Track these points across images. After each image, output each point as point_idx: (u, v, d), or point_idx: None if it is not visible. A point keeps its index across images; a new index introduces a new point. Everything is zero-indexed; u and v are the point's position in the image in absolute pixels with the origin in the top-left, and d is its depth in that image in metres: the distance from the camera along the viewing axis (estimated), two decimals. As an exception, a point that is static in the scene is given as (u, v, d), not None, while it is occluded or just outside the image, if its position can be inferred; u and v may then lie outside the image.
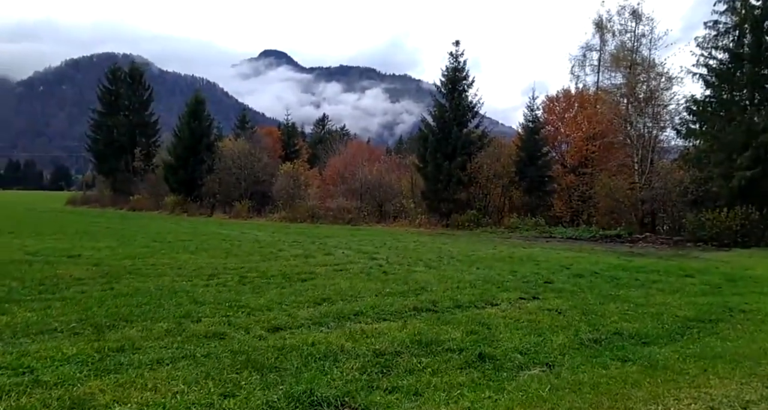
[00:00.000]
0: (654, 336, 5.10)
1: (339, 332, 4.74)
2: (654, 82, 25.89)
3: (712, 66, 21.30)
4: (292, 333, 4.65)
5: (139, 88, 41.05)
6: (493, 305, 6.56)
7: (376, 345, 4.28)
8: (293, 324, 4.95)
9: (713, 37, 21.34)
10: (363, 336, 4.58)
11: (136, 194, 36.21)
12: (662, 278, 9.73)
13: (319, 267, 9.55)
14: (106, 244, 12.07)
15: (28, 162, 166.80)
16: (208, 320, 5.02)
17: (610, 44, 29.72)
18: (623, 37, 28.50)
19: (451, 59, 28.03)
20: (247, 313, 5.35)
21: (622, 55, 28.13)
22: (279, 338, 4.47)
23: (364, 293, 6.77)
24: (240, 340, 4.37)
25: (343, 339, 4.43)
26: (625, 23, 28.46)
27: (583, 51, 30.56)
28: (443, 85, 28.20)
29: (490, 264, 11.32)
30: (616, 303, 6.83)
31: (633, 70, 27.13)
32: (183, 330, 4.62)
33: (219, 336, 4.48)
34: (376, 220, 29.40)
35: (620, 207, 23.64)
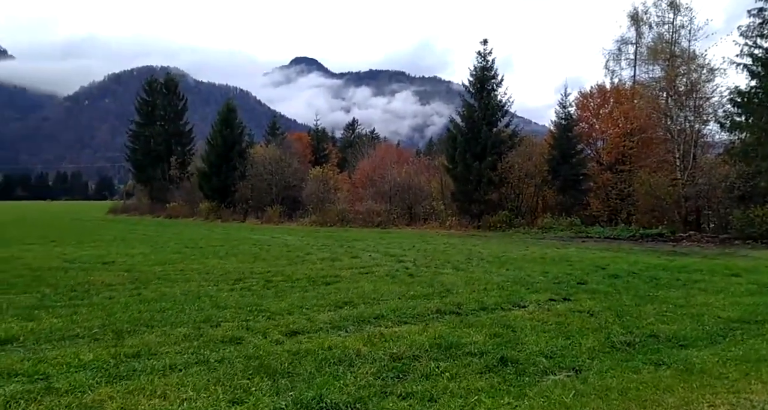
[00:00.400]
0: (693, 339, 4.75)
1: (357, 336, 4.64)
2: (695, 74, 24.70)
3: (758, 55, 20.16)
4: (309, 338, 4.58)
5: (174, 98, 42.38)
6: (520, 307, 6.31)
7: (394, 349, 4.14)
8: (311, 328, 4.88)
9: (758, 26, 20.23)
10: (381, 339, 4.45)
11: (172, 202, 37.29)
12: (705, 277, 9.18)
13: (344, 270, 9.47)
14: (139, 250, 12.40)
15: (75, 173, 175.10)
16: (228, 324, 5.01)
17: (646, 37, 28.67)
18: (661, 29, 27.45)
19: (479, 58, 27.61)
20: (267, 317, 5.32)
21: (660, 48, 27.05)
22: (295, 342, 4.40)
23: (387, 296, 6.63)
24: (256, 345, 4.33)
25: (361, 343, 4.32)
26: (663, 14, 27.40)
27: (618, 45, 29.60)
28: (471, 84, 27.81)
29: (521, 265, 10.98)
30: (653, 304, 6.45)
31: (672, 62, 26.01)
32: (201, 334, 4.63)
33: (236, 341, 4.46)
34: (405, 222, 29.20)
35: (661, 205, 22.60)
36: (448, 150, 28.99)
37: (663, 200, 22.13)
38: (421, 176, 32.85)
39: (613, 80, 29.06)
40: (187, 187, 38.50)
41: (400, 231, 26.04)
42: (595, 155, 28.01)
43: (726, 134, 22.38)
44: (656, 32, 27.27)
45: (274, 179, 34.80)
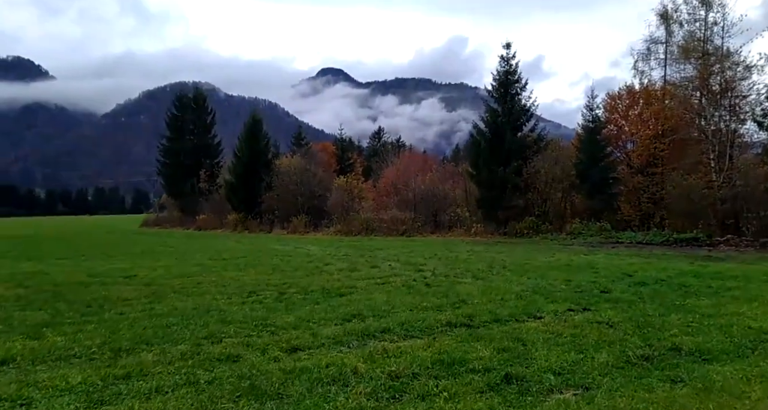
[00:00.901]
0: (718, 352, 4.45)
1: (358, 352, 4.53)
2: (729, 72, 23.69)
3: (796, 48, 19.23)
4: (309, 354, 4.50)
5: (202, 112, 43.53)
6: (536, 318, 6.08)
7: (394, 366, 4.01)
8: (314, 344, 4.81)
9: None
10: (383, 355, 4.33)
11: (201, 214, 38.13)
12: (740, 284, 8.69)
13: (361, 281, 9.40)
14: (163, 263, 12.66)
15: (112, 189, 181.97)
16: (229, 341, 4.97)
17: (677, 35, 27.66)
18: (692, 27, 26.42)
19: (503, 63, 27.28)
20: (271, 332, 5.28)
21: (692, 46, 26.04)
22: (294, 359, 4.32)
23: (399, 308, 6.51)
24: (252, 363, 4.26)
25: (360, 360, 4.21)
26: (694, 12, 26.37)
27: (647, 44, 28.59)
28: (495, 89, 27.48)
29: (544, 273, 10.66)
30: (679, 314, 6.11)
31: (705, 60, 25.01)
32: (199, 352, 4.59)
33: (233, 359, 4.39)
34: (430, 230, 28.96)
35: (696, 208, 21.65)
36: (472, 156, 28.68)
37: (698, 203, 21.21)
38: (445, 183, 32.59)
39: (642, 81, 28.12)
40: (216, 199, 39.31)
41: (425, 239, 25.83)
42: (624, 157, 27.18)
43: (764, 133, 21.38)
44: (687, 30, 26.28)
45: (299, 190, 35.15)
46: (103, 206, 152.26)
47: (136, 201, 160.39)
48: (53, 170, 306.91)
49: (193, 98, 43.61)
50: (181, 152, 42.44)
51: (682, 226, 22.59)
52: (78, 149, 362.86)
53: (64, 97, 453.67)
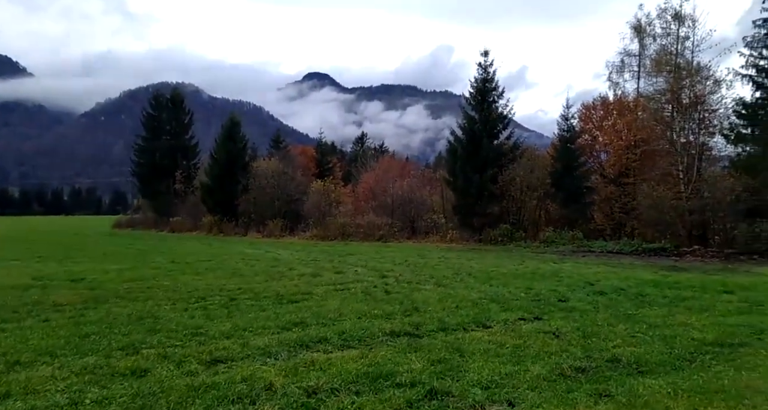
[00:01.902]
0: (656, 364, 4.39)
1: (283, 364, 4.32)
2: (699, 86, 24.23)
3: (763, 66, 19.77)
4: (229, 367, 4.26)
5: (180, 113, 42.84)
6: (485, 327, 5.97)
7: (315, 380, 3.82)
8: (238, 356, 4.57)
9: (763, 36, 19.88)
10: (309, 368, 4.14)
11: (176, 216, 37.42)
12: (696, 294, 8.74)
13: (319, 287, 9.21)
14: (120, 266, 12.26)
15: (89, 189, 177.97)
16: (147, 352, 4.69)
17: (649, 48, 28.26)
18: (664, 41, 27.01)
19: (480, 70, 27.44)
20: (199, 342, 5.03)
21: (664, 60, 26.58)
22: (209, 373, 4.07)
23: (347, 316, 6.35)
24: (159, 378, 3.98)
25: (281, 374, 4.00)
26: (667, 26, 26.95)
27: (621, 57, 29.19)
28: (472, 97, 27.61)
29: (507, 281, 10.61)
30: (627, 324, 6.07)
31: (676, 74, 25.54)
32: (106, 365, 4.29)
33: (140, 374, 4.10)
34: (407, 236, 28.87)
35: (665, 219, 21.97)
36: (449, 163, 28.74)
37: (666, 213, 21.53)
38: (423, 190, 32.58)
39: (616, 92, 28.65)
40: (192, 201, 38.64)
41: (400, 245, 25.70)
42: (598, 167, 27.54)
43: (732, 146, 21.85)
44: (659, 44, 26.84)
45: (276, 193, 34.74)
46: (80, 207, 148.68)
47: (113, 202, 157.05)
48: (30, 169, 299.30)
49: (170, 98, 42.89)
50: (156, 152, 41.64)
51: (652, 236, 22.91)
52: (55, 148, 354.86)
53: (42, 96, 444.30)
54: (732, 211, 19.98)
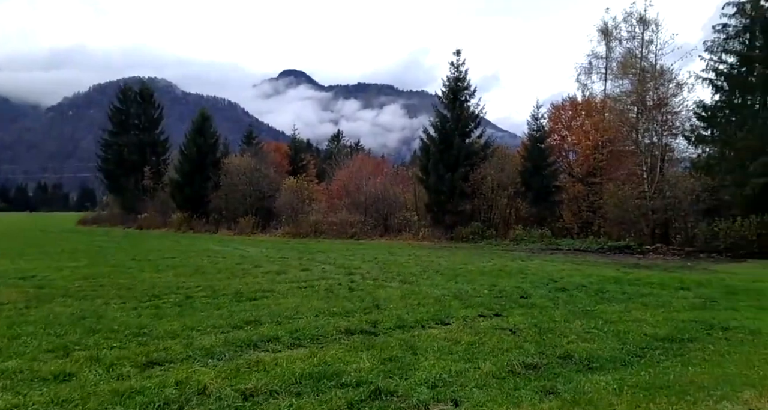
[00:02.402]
0: (606, 360, 4.42)
1: (225, 365, 4.15)
2: (663, 88, 24.92)
3: (722, 70, 20.40)
4: (165, 369, 4.06)
5: (149, 107, 41.68)
6: (443, 324, 5.94)
7: (253, 382, 3.67)
8: (179, 357, 4.37)
9: (723, 41, 20.50)
10: (251, 369, 3.99)
11: (144, 213, 36.45)
12: (654, 291, 8.94)
13: (282, 284, 9.05)
14: (76, 263, 11.81)
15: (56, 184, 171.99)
16: (78, 354, 4.44)
17: (616, 51, 28.95)
18: (630, 44, 27.71)
19: (452, 69, 27.60)
20: (139, 343, 4.82)
21: (630, 62, 27.27)
22: (142, 377, 3.87)
23: (304, 314, 6.22)
24: (83, 383, 3.74)
25: (220, 376, 3.82)
26: (632, 30, 27.68)
27: (589, 59, 29.83)
28: (444, 95, 27.73)
29: (473, 278, 10.66)
30: (583, 320, 6.13)
31: (641, 76, 26.21)
32: (29, 369, 4.01)
33: (63, 378, 3.84)
34: (379, 234, 28.79)
35: (629, 217, 22.53)
36: (422, 161, 28.79)
37: (631, 212, 22.07)
38: (396, 187, 32.57)
39: (584, 93, 29.25)
40: (161, 197, 37.71)
41: (372, 243, 25.62)
42: (567, 167, 28.02)
43: (692, 147, 22.53)
44: (626, 47, 27.55)
45: (248, 190, 34.20)
46: (46, 203, 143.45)
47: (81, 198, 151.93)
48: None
49: (139, 92, 41.69)
50: (124, 147, 40.42)
51: (617, 234, 23.44)
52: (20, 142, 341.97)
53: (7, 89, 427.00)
54: (692, 210, 20.63)
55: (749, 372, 4.00)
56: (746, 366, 4.17)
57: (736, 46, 20.20)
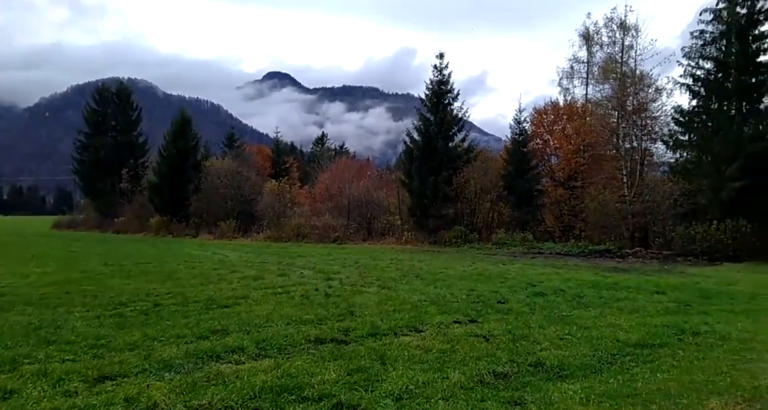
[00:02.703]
0: (577, 367, 4.35)
1: (182, 379, 3.94)
2: (642, 93, 25.32)
3: (699, 76, 20.76)
4: (116, 384, 3.83)
5: (126, 108, 40.90)
6: (417, 331, 5.82)
7: (209, 397, 3.48)
8: (134, 370, 4.14)
9: (700, 47, 20.86)
10: (210, 383, 3.80)
11: (121, 216, 35.71)
12: (630, 295, 8.96)
13: (258, 291, 8.85)
14: (44, 270, 11.42)
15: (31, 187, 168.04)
16: (26, 368, 4.20)
17: (597, 56, 29.35)
18: (611, 50, 28.13)
19: (436, 72, 27.62)
20: (94, 355, 4.59)
21: (611, 67, 27.67)
22: (91, 393, 3.64)
23: (276, 322, 6.05)
24: (25, 401, 3.51)
25: (174, 391, 3.62)
26: (613, 35, 28.11)
27: (570, 63, 30.19)
28: (428, 98, 27.73)
29: (453, 283, 10.58)
30: (558, 326, 6.08)
31: (622, 82, 26.60)
32: None
33: (3, 396, 3.61)
34: (362, 238, 28.64)
35: (610, 221, 22.78)
36: (405, 164, 28.76)
37: (611, 216, 22.32)
38: (380, 191, 32.47)
39: (566, 98, 29.57)
40: (140, 201, 37.00)
41: (355, 247, 25.44)
42: (548, 171, 28.25)
43: (671, 152, 22.88)
44: (606, 52, 27.95)
45: (229, 193, 33.76)
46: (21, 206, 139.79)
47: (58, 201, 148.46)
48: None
49: (116, 92, 40.87)
50: (100, 149, 39.54)
51: (598, 238, 23.68)
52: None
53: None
54: (670, 214, 20.92)
55: (716, 379, 3.97)
56: (714, 373, 4.13)
57: (712, 52, 20.57)
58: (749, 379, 3.94)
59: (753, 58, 19.05)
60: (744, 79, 19.04)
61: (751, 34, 19.21)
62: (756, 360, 4.54)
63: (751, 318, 6.81)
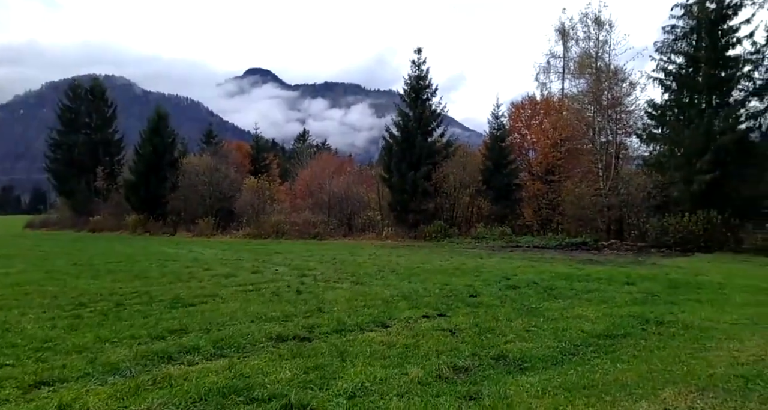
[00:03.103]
0: (539, 359, 4.33)
1: (126, 383, 3.79)
2: (617, 88, 25.62)
3: (671, 70, 21.06)
4: (53, 390, 3.66)
5: (101, 105, 39.91)
6: (384, 326, 5.75)
7: (149, 401, 3.35)
8: (76, 375, 3.96)
9: (672, 42, 21.15)
10: (156, 386, 3.65)
11: (97, 215, 34.91)
12: (601, 286, 9.04)
13: (228, 288, 8.69)
14: (7, 270, 11.05)
15: (6, 186, 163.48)
16: None
17: (573, 51, 29.61)
18: (586, 45, 28.37)
19: (414, 67, 27.53)
20: (37, 359, 4.40)
21: (586, 62, 27.93)
22: (24, 400, 3.48)
23: (240, 320, 5.92)
24: None
25: (114, 396, 3.48)
26: (588, 30, 28.35)
27: (547, 58, 30.41)
28: (406, 94, 27.65)
29: (428, 277, 10.57)
30: (526, 318, 6.08)
31: (597, 76, 26.88)
32: None
33: None
34: (343, 234, 28.51)
35: (586, 214, 23.08)
36: (385, 160, 28.66)
37: (587, 209, 22.60)
38: (360, 187, 32.34)
39: (543, 92, 29.78)
40: (116, 199, 36.23)
41: (335, 243, 25.29)
42: (527, 165, 28.45)
43: (645, 146, 23.22)
44: (582, 47, 28.18)
45: (208, 190, 33.25)
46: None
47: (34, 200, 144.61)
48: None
49: (89, 89, 39.84)
50: (74, 147, 38.56)
51: (575, 231, 23.97)
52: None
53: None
54: (645, 207, 21.26)
55: (674, 368, 3.98)
56: (673, 362, 4.16)
57: (683, 47, 20.87)
58: (705, 367, 3.96)
59: (722, 52, 19.38)
60: (714, 73, 19.37)
61: (720, 29, 19.54)
62: (714, 348, 4.59)
63: (716, 307, 6.92)
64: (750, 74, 19.08)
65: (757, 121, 18.72)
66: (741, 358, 4.17)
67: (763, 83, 18.80)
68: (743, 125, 18.80)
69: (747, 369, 3.86)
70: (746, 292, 8.40)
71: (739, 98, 19.19)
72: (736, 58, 19.23)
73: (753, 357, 4.21)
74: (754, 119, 18.82)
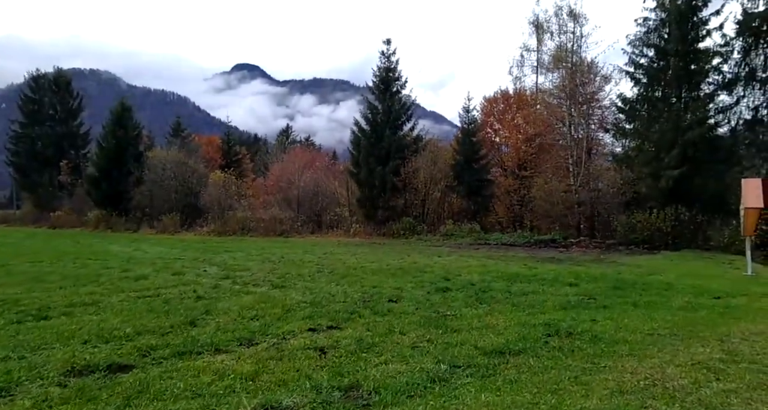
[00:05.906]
0: (395, 390, 3.49)
1: None
2: (591, 82, 24.93)
3: (641, 63, 20.43)
4: None
5: (65, 96, 38.44)
6: (248, 345, 4.85)
7: None
8: None
9: (643, 35, 20.53)
10: None
11: (58, 210, 33.60)
12: (540, 288, 8.26)
13: (122, 294, 7.75)
14: None
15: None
16: None
17: (547, 44, 28.87)
18: (561, 38, 27.66)
19: (383, 59, 26.66)
20: None
21: (561, 56, 27.21)
22: None
23: (80, 338, 4.97)
24: None
25: None
26: (563, 24, 27.63)
27: (521, 51, 29.66)
28: (375, 86, 26.77)
29: (362, 278, 9.72)
30: (425, 330, 5.26)
31: (572, 70, 26.17)
32: None
33: None
34: (311, 230, 27.59)
35: (556, 211, 22.39)
36: (353, 154, 27.77)
37: (557, 206, 21.90)
38: (331, 182, 31.43)
39: (517, 86, 29.02)
40: (80, 194, 34.94)
41: (300, 240, 24.37)
42: (499, 160, 27.73)
43: (615, 141, 22.61)
44: (557, 41, 27.46)
45: (174, 185, 32.11)
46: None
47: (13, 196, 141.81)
48: None
49: (53, 80, 38.36)
50: (37, 140, 37.12)
51: (546, 228, 23.30)
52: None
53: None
54: (615, 203, 20.62)
55: (542, 400, 3.16)
56: (547, 391, 3.34)
57: (655, 40, 20.24)
58: (579, 398, 3.15)
59: (692, 45, 18.77)
60: (683, 66, 18.74)
61: (691, 21, 18.91)
62: (607, 369, 3.80)
63: (647, 312, 6.21)
64: (719, 67, 18.50)
65: (726, 115, 18.13)
66: (628, 384, 3.38)
67: (733, 77, 18.20)
68: (712, 120, 18.20)
69: (626, 401, 3.07)
70: (690, 293, 7.70)
71: (708, 92, 18.58)
72: (706, 51, 18.64)
73: (643, 381, 3.43)
74: (722, 113, 18.23)
